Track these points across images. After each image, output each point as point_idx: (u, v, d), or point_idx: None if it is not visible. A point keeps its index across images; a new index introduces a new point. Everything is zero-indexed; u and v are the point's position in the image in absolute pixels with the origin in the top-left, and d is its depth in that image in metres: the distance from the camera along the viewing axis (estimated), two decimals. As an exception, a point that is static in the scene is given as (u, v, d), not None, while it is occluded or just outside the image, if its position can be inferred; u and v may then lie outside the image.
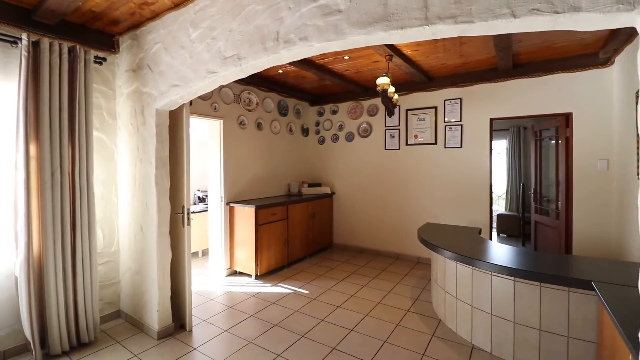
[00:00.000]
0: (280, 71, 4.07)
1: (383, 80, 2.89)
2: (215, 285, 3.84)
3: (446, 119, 4.45)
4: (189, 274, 2.85)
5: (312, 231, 4.95)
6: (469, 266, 2.53)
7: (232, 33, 2.05)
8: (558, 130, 4.12)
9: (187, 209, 2.82)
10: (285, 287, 3.78)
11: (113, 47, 2.99)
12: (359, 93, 5.08)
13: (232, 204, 4.14)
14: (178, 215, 2.88)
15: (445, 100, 4.45)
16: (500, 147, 7.50)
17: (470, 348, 2.50)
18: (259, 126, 4.60)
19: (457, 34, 1.40)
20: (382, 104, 3.22)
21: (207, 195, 4.80)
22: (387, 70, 3.20)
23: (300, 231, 4.68)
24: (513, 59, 3.67)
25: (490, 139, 4.19)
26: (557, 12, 1.14)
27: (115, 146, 3.07)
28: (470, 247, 2.71)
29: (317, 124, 5.65)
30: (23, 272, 2.34)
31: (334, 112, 5.44)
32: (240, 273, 4.20)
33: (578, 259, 2.40)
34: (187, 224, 2.83)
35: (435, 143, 4.52)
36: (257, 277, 4.04)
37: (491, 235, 4.21)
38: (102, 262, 3.00)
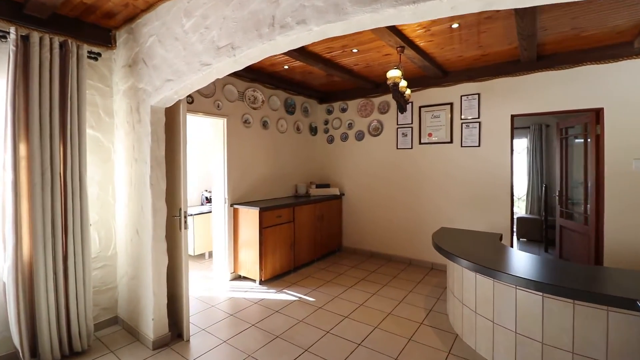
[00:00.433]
0: (286, 67, 3.89)
1: (394, 73, 2.66)
2: (218, 290, 3.69)
3: (463, 116, 4.16)
4: (186, 281, 2.69)
5: (320, 234, 4.75)
6: (490, 278, 2.27)
7: (225, 20, 1.87)
8: (587, 128, 3.79)
9: (184, 212, 2.66)
10: (290, 293, 3.59)
11: (110, 42, 2.86)
12: (369, 90, 4.85)
13: (236, 206, 3.98)
14: (175, 219, 2.73)
15: (461, 96, 4.16)
16: (520, 146, 7.11)
17: (491, 369, 2.24)
18: (264, 125, 4.43)
19: (481, 8, 1.17)
20: (393, 99, 2.98)
21: (212, 196, 4.65)
22: (399, 63, 2.97)
23: (307, 234, 4.49)
24: (537, 50, 3.37)
25: (512, 137, 3.89)
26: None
27: (112, 145, 2.94)
28: (491, 256, 2.45)
29: (326, 122, 5.44)
30: (11, 277, 2.22)
31: (343, 110, 5.22)
32: (245, 278, 4.03)
33: (617, 273, 2.11)
34: (184, 227, 2.67)
35: (451, 142, 4.25)
36: (261, 283, 3.87)
37: (512, 241, 3.91)
38: (99, 267, 2.87)
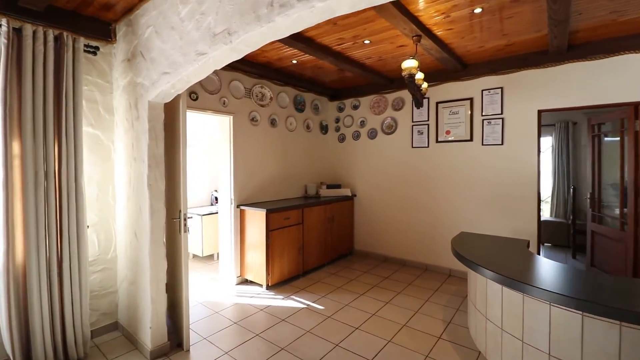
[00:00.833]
0: (295, 61, 3.70)
1: (410, 64, 2.43)
2: (224, 295, 3.53)
3: (484, 112, 3.87)
4: (186, 287, 2.53)
5: (331, 237, 4.54)
6: (519, 292, 2.01)
7: (222, 4, 1.69)
8: (624, 124, 3.44)
9: (184, 214, 2.51)
10: (298, 300, 3.40)
11: (110, 36, 2.74)
12: (382, 85, 4.61)
13: (242, 207, 3.82)
14: (175, 221, 2.58)
15: (482, 91, 3.88)
16: (545, 144, 6.69)
17: (521, 395, 1.98)
18: (272, 123, 4.26)
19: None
20: (409, 92, 2.75)
21: (219, 197, 4.51)
22: (415, 53, 2.73)
23: (317, 237, 4.29)
24: (568, 38, 3.07)
25: (539, 134, 3.57)
26: None
27: (112, 144, 2.82)
28: (519, 266, 2.19)
29: (337, 120, 5.23)
30: (2, 281, 2.12)
31: (355, 107, 4.99)
32: (251, 282, 3.87)
33: (671, 288, 1.81)
34: (184, 230, 2.52)
35: (471, 140, 3.96)
36: (268, 288, 3.69)
37: (539, 248, 3.60)
38: (98, 270, 2.76)
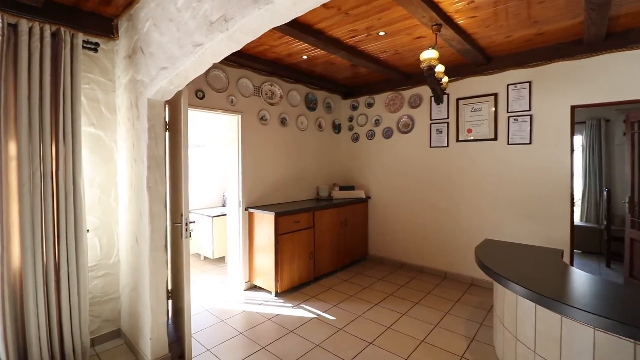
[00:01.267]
0: (305, 57, 3.51)
1: (429, 54, 2.20)
2: (231, 302, 3.39)
3: (510, 109, 3.58)
4: (187, 296, 2.39)
5: (343, 241, 4.33)
6: (556, 313, 1.75)
7: (218, -12, 1.52)
8: (671, 119, 3.09)
9: (185, 219, 2.36)
10: (308, 309, 3.21)
11: (112, 32, 2.64)
12: (398, 81, 4.37)
13: (251, 210, 3.67)
14: (177, 226, 2.44)
15: (508, 85, 3.58)
16: (575, 144, 6.25)
17: None
18: (283, 122, 4.09)
19: None
20: (428, 86, 2.52)
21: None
22: (434, 44, 2.49)
23: (329, 241, 4.09)
24: (607, 25, 2.75)
25: (572, 131, 3.26)
26: None
27: (115, 144, 2.72)
28: (554, 281, 1.92)
29: (351, 119, 5.02)
30: (-4, 289, 2.03)
31: (370, 105, 4.76)
32: (260, 288, 3.71)
33: None
34: (186, 236, 2.38)
35: (495, 139, 3.67)
36: (277, 295, 3.52)
37: (572, 258, 3.27)
38: (100, 275, 2.66)
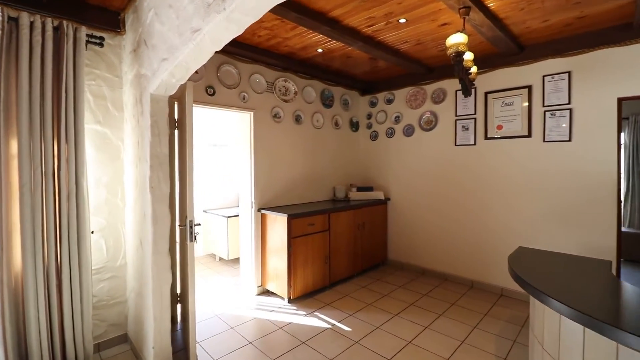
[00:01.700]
0: (320, 50, 3.32)
1: (457, 39, 1.95)
2: (242, 307, 3.24)
3: (546, 103, 3.24)
4: (192, 305, 2.25)
5: (361, 245, 4.10)
6: (610, 339, 1.47)
7: (216, -37, 1.35)
8: None
9: (190, 221, 2.22)
10: (322, 317, 3.01)
11: (118, 26, 2.55)
12: (420, 75, 4.09)
13: (263, 211, 3.52)
14: (182, 229, 2.31)
15: (544, 77, 3.24)
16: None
17: None
18: (297, 119, 3.92)
19: None
20: (455, 76, 2.26)
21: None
22: (462, 28, 2.23)
23: (345, 245, 3.88)
24: (666, 4, 2.40)
25: (619, 127, 2.89)
26: None
27: (122, 143, 2.63)
28: (605, 300, 1.63)
29: (369, 116, 4.77)
30: (-4, 292, 1.96)
31: (389, 102, 4.51)
32: (272, 293, 3.55)
33: None
34: (191, 239, 2.24)
35: (529, 135, 3.33)
36: (290, 301, 3.34)
37: (619, 269, 2.90)
38: (106, 278, 2.57)
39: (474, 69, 2.42)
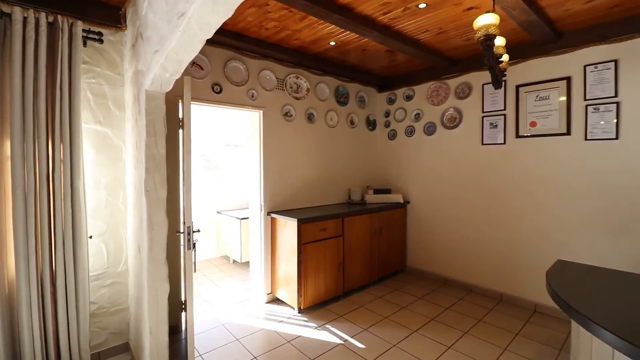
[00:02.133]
0: (333, 42, 3.09)
1: (487, 20, 1.67)
2: (250, 316, 3.07)
3: (588, 96, 2.86)
4: (190, 318, 2.09)
5: (378, 252, 3.84)
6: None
7: None
8: None
9: (188, 227, 2.06)
10: (334, 331, 2.79)
11: (119, 21, 2.44)
12: (442, 69, 3.78)
13: (273, 215, 3.34)
14: (179, 236, 2.16)
15: (585, 66, 2.87)
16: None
17: None
18: (310, 118, 3.71)
19: None
20: (485, 64, 1.99)
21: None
22: (492, 9, 1.95)
23: (360, 252, 3.63)
24: None
25: (679, 122, 2.49)
26: None
27: (123, 143, 2.52)
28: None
29: (387, 114, 4.50)
30: (-12, 300, 1.87)
31: (409, 98, 4.22)
32: (282, 302, 3.36)
33: None
34: (188, 247, 2.08)
35: (568, 133, 2.97)
36: (300, 311, 3.14)
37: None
38: (107, 284, 2.47)
39: (505, 57, 2.12)
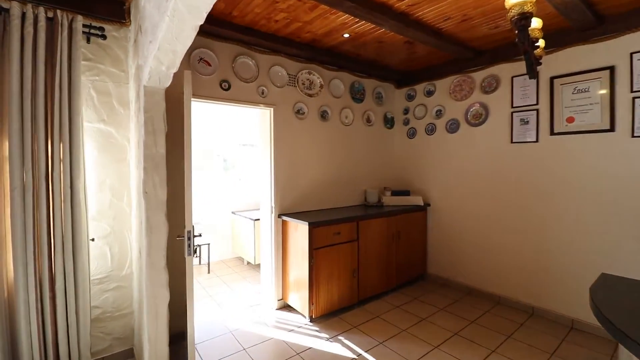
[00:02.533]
0: (346, 35, 2.90)
1: (520, -4, 1.44)
2: (259, 323, 2.93)
3: (635, 87, 2.53)
4: (191, 328, 1.96)
5: (396, 258, 3.61)
6: None
7: None
8: None
9: (189, 232, 1.94)
10: (347, 344, 2.60)
11: (123, 16, 2.35)
12: (466, 61, 3.50)
13: (284, 217, 3.18)
14: (180, 241, 2.04)
15: (632, 54, 2.53)
16: None
17: None
18: (323, 115, 3.54)
19: None
20: (519, 48, 1.76)
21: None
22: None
23: (377, 257, 3.42)
24: None
25: None
26: None
27: (127, 142, 2.43)
28: None
29: (406, 111, 4.25)
30: (-15, 305, 1.81)
31: (430, 93, 3.96)
32: (293, 309, 3.20)
33: None
34: (189, 253, 1.95)
35: (612, 129, 2.64)
36: (312, 320, 2.97)
37: None
38: (110, 288, 2.39)
39: (541, 42, 1.86)
